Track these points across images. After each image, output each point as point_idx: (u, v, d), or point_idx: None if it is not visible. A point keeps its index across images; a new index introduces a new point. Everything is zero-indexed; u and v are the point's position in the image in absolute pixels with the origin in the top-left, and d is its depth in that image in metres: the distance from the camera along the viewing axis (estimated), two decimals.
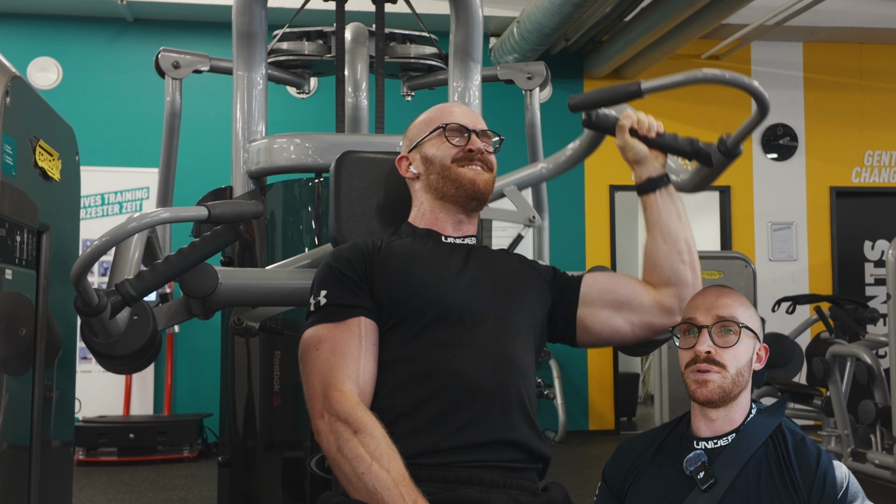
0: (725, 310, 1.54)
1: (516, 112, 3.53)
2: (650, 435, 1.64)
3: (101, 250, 1.57)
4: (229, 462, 3.04)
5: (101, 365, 1.91)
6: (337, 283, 1.54)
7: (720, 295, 1.57)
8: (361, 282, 1.54)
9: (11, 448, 1.62)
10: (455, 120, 1.68)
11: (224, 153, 3.01)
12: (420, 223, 1.69)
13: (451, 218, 1.67)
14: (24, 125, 1.66)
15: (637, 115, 1.73)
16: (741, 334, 1.53)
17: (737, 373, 1.52)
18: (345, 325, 1.50)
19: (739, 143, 1.71)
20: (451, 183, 1.64)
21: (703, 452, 1.51)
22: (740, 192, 6.96)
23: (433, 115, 1.72)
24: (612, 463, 1.64)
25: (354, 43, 3.14)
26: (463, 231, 1.68)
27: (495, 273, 1.63)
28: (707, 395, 1.51)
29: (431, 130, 1.68)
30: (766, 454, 1.50)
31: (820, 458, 1.48)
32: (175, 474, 4.97)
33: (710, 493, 1.47)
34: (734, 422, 1.54)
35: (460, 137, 1.66)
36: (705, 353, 1.52)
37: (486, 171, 1.66)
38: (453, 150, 1.65)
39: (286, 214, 3.10)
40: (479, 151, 1.65)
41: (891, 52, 7.19)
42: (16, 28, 6.19)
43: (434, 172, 1.66)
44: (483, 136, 1.68)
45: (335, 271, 1.55)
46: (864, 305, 5.08)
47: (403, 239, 1.65)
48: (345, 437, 1.38)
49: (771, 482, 1.47)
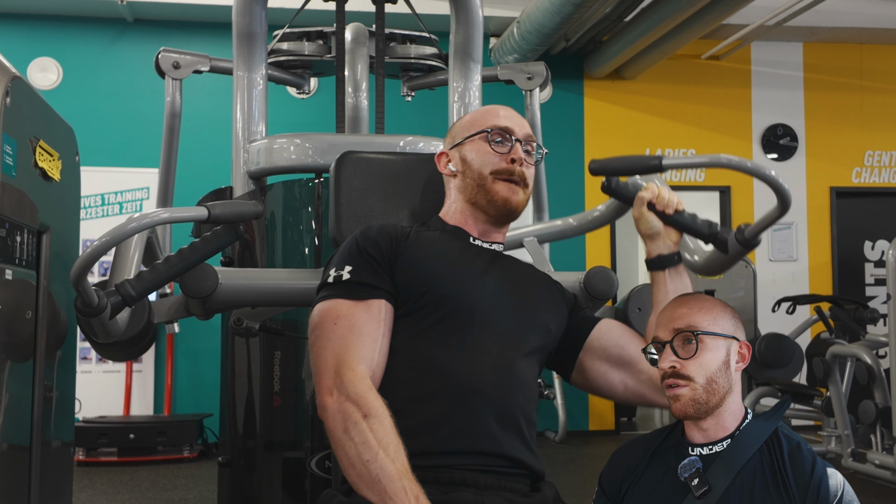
0: (682, 321, 1.50)
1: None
2: (644, 441, 1.62)
3: (101, 250, 1.57)
4: (229, 462, 3.04)
5: (95, 350, 1.92)
6: (363, 261, 1.51)
7: (678, 305, 1.54)
8: (386, 265, 1.52)
9: (11, 448, 1.62)
10: (501, 123, 1.63)
11: (224, 153, 3.01)
12: (450, 220, 1.66)
13: (479, 224, 1.65)
14: (25, 125, 1.66)
15: (660, 189, 1.69)
16: (702, 342, 1.49)
17: (707, 381, 1.48)
18: (366, 304, 1.48)
19: (758, 235, 1.70)
20: (485, 195, 1.61)
21: (697, 459, 1.50)
22: (740, 192, 6.96)
23: (479, 117, 1.68)
24: (607, 470, 1.63)
25: (354, 43, 3.14)
26: (491, 238, 1.66)
27: (517, 284, 1.61)
28: (681, 409, 1.49)
29: (476, 133, 1.64)
30: (762, 460, 1.49)
31: (815, 466, 1.46)
32: (175, 474, 4.97)
33: (705, 500, 1.45)
34: (727, 428, 1.52)
35: (503, 143, 1.62)
36: (669, 369, 1.49)
37: (521, 188, 1.62)
38: (494, 159, 1.61)
39: (286, 215, 3.09)
40: (520, 162, 1.61)
41: (891, 52, 7.19)
42: (16, 28, 6.19)
43: (470, 177, 1.63)
44: (527, 143, 1.64)
45: (363, 250, 1.53)
46: (864, 305, 5.08)
47: (432, 231, 1.64)
48: (354, 419, 1.35)
49: (765, 489, 1.46)
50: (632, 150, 6.84)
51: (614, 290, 2.04)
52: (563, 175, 6.55)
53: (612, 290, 2.04)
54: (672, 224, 1.70)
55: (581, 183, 6.73)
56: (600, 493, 1.62)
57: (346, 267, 1.51)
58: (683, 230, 1.72)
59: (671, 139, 6.92)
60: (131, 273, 1.92)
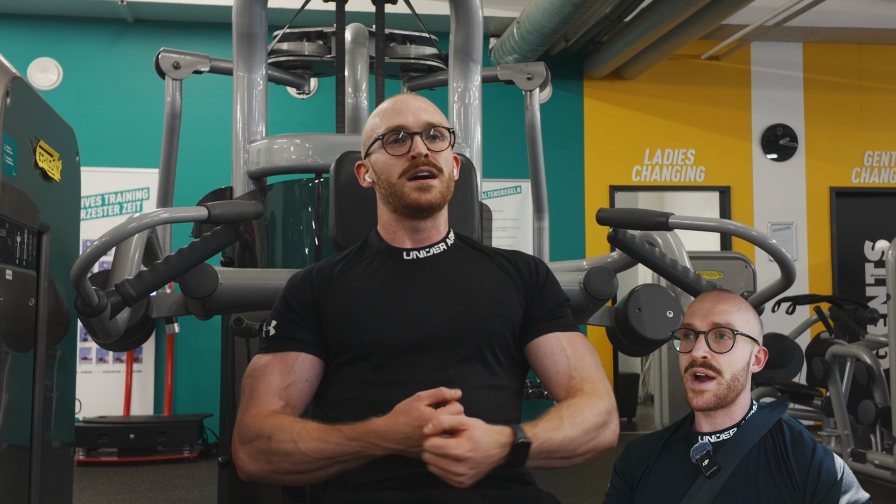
0: (721, 316, 1.61)
1: (516, 113, 3.53)
2: (656, 435, 1.73)
3: (101, 250, 1.57)
4: (229, 462, 3.03)
5: (92, 337, 1.93)
6: (285, 313, 1.55)
7: (717, 301, 1.63)
8: (307, 316, 1.53)
9: (11, 448, 1.62)
10: (392, 123, 1.54)
11: (224, 153, 3.01)
12: (384, 234, 1.62)
13: (407, 229, 1.58)
14: (25, 126, 1.66)
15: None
16: (737, 340, 1.59)
17: (732, 378, 1.59)
18: (282, 356, 1.51)
19: (761, 304, 1.77)
20: (398, 200, 1.54)
21: (708, 443, 1.61)
22: (740, 193, 6.97)
23: (373, 123, 1.60)
24: (623, 459, 1.73)
25: (354, 43, 3.14)
26: (424, 240, 1.59)
27: (457, 288, 1.54)
28: (703, 404, 1.60)
29: (372, 142, 1.58)
30: (765, 447, 1.59)
31: (815, 451, 1.56)
32: (175, 475, 4.97)
33: (714, 480, 1.56)
34: (735, 418, 1.63)
35: (401, 143, 1.54)
36: (701, 358, 1.59)
37: (434, 179, 1.53)
38: (396, 162, 1.53)
39: (286, 215, 3.09)
40: (422, 154, 1.51)
41: (891, 52, 7.19)
42: (16, 29, 6.19)
43: (383, 187, 1.57)
44: (427, 131, 1.54)
45: (286, 302, 1.56)
46: (863, 306, 5.08)
47: (362, 261, 1.59)
48: (264, 447, 1.39)
49: (768, 472, 1.56)
50: (631, 149, 6.85)
51: (614, 290, 2.05)
52: (564, 175, 6.55)
53: (611, 290, 2.04)
54: (673, 281, 1.74)
55: (581, 183, 6.73)
56: (617, 480, 1.71)
57: (273, 322, 1.55)
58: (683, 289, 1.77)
59: (671, 139, 6.92)
60: (131, 273, 1.92)
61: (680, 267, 1.94)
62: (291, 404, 1.48)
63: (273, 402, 1.46)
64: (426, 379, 1.42)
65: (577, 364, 1.52)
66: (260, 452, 1.39)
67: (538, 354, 1.54)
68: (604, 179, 6.78)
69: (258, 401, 1.47)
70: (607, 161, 6.80)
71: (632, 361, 7.66)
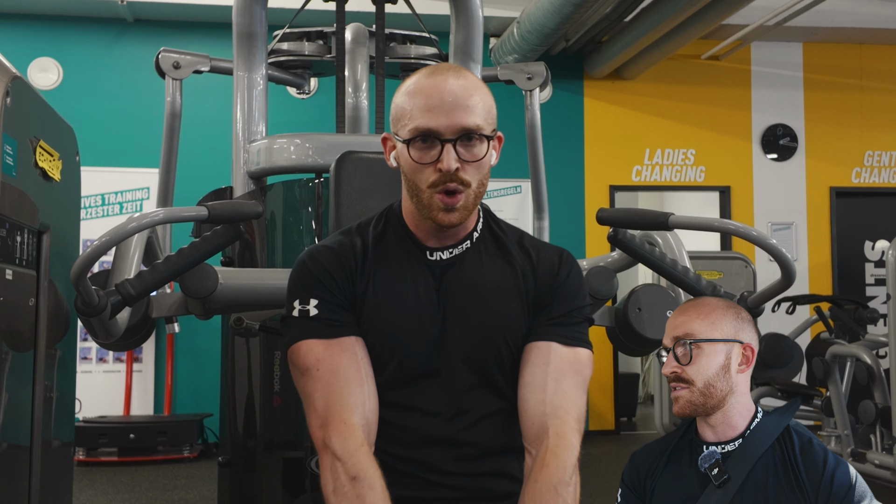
0: (680, 328, 1.61)
1: (516, 112, 3.53)
2: (661, 442, 1.71)
3: (101, 250, 1.57)
4: (229, 462, 3.04)
5: (92, 337, 1.93)
6: (326, 294, 1.41)
7: (680, 313, 1.64)
8: (343, 298, 1.42)
9: (11, 448, 1.62)
10: (422, 125, 1.33)
11: (224, 153, 3.01)
12: (407, 218, 1.48)
13: (432, 229, 1.44)
14: (25, 125, 1.66)
15: None
16: (698, 348, 1.58)
17: (705, 385, 1.58)
18: (338, 343, 1.39)
19: (761, 304, 1.76)
20: (423, 210, 1.39)
21: (716, 451, 1.59)
22: (740, 193, 6.96)
23: (402, 106, 1.38)
24: (630, 469, 1.71)
25: (354, 43, 3.14)
26: (450, 238, 1.46)
27: (477, 307, 1.45)
28: (679, 410, 1.61)
29: (397, 134, 1.40)
30: (774, 456, 1.56)
31: (826, 460, 1.53)
32: (175, 474, 4.97)
33: (724, 489, 1.53)
34: (736, 426, 1.60)
35: (428, 150, 1.35)
36: (671, 374, 1.61)
37: (459, 194, 1.36)
38: (423, 171, 1.36)
39: (286, 215, 3.09)
40: (451, 171, 1.33)
41: (891, 52, 7.19)
42: (16, 28, 6.19)
43: (408, 185, 1.41)
44: (462, 138, 1.34)
45: (320, 281, 1.42)
46: (863, 306, 5.08)
47: (391, 245, 1.48)
48: (342, 480, 1.31)
49: (777, 483, 1.53)
50: (632, 149, 6.85)
51: (614, 290, 2.05)
52: (563, 175, 6.54)
53: (611, 290, 2.04)
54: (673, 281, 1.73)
55: (581, 183, 6.72)
56: (626, 491, 1.69)
57: (312, 301, 1.40)
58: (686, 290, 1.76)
59: (671, 139, 6.92)
60: (131, 273, 1.92)
61: (680, 267, 1.94)
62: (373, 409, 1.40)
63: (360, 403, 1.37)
64: (436, 411, 1.42)
65: (552, 386, 1.42)
66: (335, 476, 1.33)
67: (523, 360, 1.46)
68: (604, 179, 6.77)
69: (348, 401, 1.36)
70: (607, 161, 6.79)
71: (632, 361, 7.66)
